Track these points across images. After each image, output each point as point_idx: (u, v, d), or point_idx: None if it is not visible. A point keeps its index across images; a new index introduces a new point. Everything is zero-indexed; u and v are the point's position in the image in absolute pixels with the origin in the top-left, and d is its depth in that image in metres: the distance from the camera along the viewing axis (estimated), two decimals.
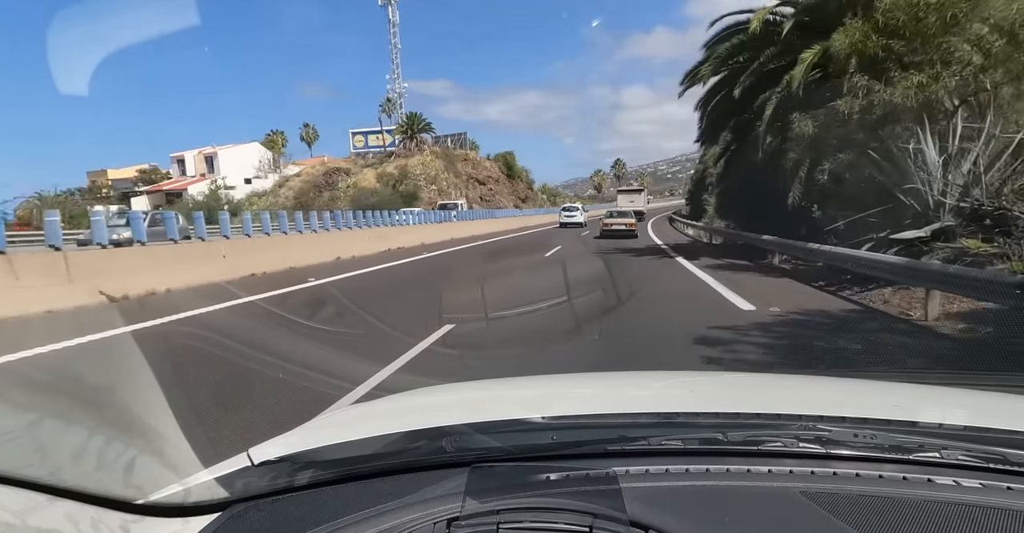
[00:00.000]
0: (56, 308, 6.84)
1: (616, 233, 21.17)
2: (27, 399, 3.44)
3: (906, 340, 5.03)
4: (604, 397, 1.34)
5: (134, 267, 8.61)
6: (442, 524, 0.70)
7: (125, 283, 7.94)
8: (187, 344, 5.04)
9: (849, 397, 1.30)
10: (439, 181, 43.78)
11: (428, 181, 43.33)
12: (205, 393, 3.67)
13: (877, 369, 3.99)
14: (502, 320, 5.86)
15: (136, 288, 8.07)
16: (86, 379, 4.16)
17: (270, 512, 0.81)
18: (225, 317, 6.75)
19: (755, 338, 4.93)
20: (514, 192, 53.88)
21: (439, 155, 46.54)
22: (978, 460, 0.81)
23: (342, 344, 5.02)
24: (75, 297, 7.16)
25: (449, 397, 1.42)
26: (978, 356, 4.57)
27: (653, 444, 0.88)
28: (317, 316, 6.60)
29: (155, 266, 8.97)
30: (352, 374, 3.86)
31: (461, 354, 4.80)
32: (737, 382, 1.53)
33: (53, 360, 4.65)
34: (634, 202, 43.07)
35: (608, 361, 4.29)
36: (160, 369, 3.69)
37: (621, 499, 0.71)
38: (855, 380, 1.70)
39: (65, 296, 7.08)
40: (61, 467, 0.90)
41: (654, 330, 5.47)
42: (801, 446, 0.85)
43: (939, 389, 1.42)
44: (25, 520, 0.72)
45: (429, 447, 0.91)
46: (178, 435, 1.86)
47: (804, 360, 4.26)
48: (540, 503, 0.72)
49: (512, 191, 53.41)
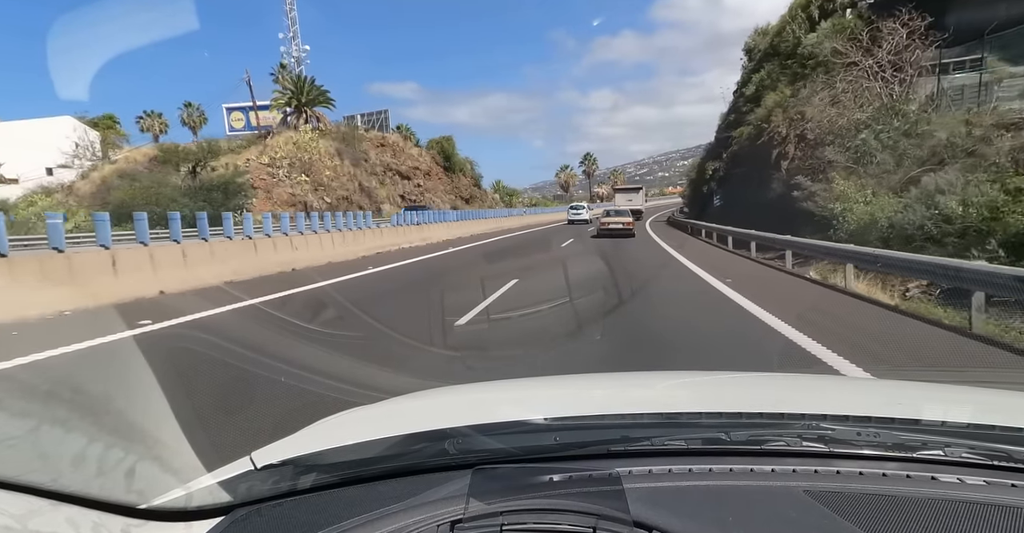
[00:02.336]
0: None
1: (613, 232, 21.39)
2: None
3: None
4: (606, 398, 1.33)
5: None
6: (446, 526, 0.70)
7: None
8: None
9: (852, 396, 1.30)
10: (319, 170, 30.43)
11: (300, 169, 30.03)
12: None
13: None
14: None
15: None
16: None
17: (273, 516, 0.81)
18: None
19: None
20: (454, 189, 42.62)
21: (332, 135, 33.82)
22: (982, 458, 0.81)
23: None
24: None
25: (451, 399, 1.42)
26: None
27: (656, 444, 0.88)
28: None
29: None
30: None
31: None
32: (739, 382, 1.53)
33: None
34: (632, 201, 42.37)
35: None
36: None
37: (624, 500, 0.71)
38: (857, 379, 1.69)
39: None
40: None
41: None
42: (804, 445, 0.85)
43: (942, 386, 1.42)
44: (26, 524, 0.71)
45: (432, 449, 0.91)
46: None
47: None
48: (544, 504, 0.72)
49: (451, 188, 42.44)
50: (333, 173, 31.46)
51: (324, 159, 31.50)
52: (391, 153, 38.21)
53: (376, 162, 36.08)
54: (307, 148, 31.17)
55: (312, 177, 30.07)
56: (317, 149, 31.59)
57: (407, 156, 39.13)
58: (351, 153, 33.59)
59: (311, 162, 30.78)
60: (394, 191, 36.29)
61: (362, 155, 34.48)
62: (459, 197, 42.57)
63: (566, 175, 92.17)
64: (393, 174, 37.26)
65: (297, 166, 29.99)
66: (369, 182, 33.77)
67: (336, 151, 32.58)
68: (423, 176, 39.25)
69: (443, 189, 41.23)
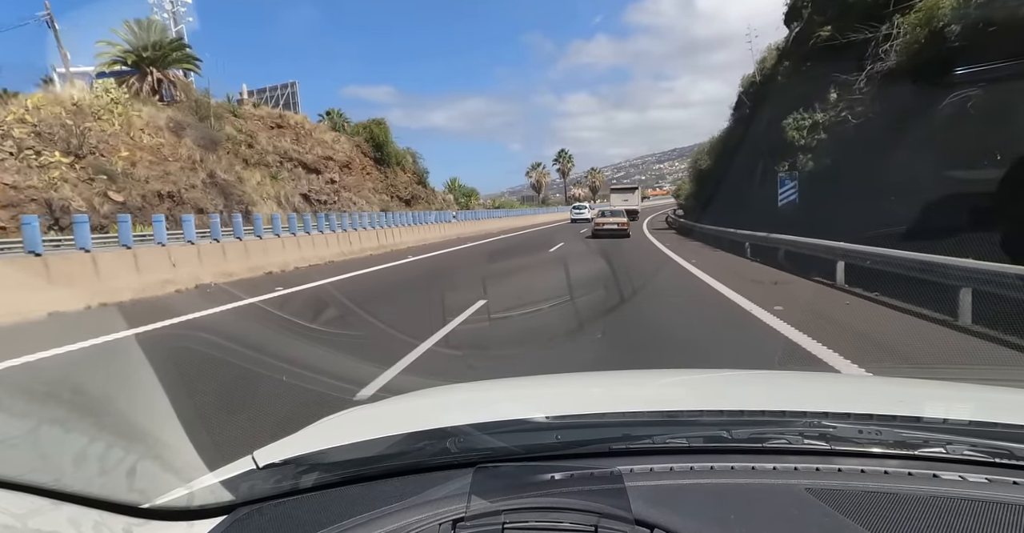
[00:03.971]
0: None
1: (608, 232, 21.52)
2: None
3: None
4: (608, 396, 1.33)
5: None
6: (447, 525, 0.70)
7: None
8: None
9: (853, 393, 1.30)
10: (111, 150, 18.09)
11: (62, 143, 16.69)
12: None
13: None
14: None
15: None
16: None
17: (275, 515, 0.81)
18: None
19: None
20: (388, 187, 33.05)
21: (186, 108, 23.04)
22: (984, 455, 0.81)
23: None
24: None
25: (452, 398, 1.42)
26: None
27: (657, 442, 0.88)
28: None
29: None
30: None
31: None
32: (741, 380, 1.53)
33: None
34: (628, 200, 41.61)
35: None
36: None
37: (626, 498, 0.71)
38: (859, 376, 1.70)
39: None
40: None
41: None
42: (806, 443, 0.85)
43: (943, 384, 1.42)
44: (26, 523, 0.72)
45: (433, 448, 0.91)
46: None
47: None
48: (545, 503, 0.72)
49: (384, 186, 32.86)
50: (153, 156, 19.17)
51: (142, 134, 19.60)
52: (293, 138, 27.89)
53: (267, 148, 25.84)
54: (104, 114, 18.65)
55: (92, 160, 17.26)
56: (125, 118, 19.17)
57: (316, 143, 29.09)
58: (200, 131, 22.23)
59: (108, 135, 18.19)
60: (292, 188, 25.81)
61: (219, 135, 23.57)
62: (395, 197, 33.24)
63: (538, 174, 79.52)
64: (294, 165, 26.94)
65: (58, 138, 16.62)
66: (231, 173, 22.74)
67: (171, 126, 20.99)
68: (340, 169, 29.70)
69: (371, 187, 31.65)
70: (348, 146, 31.49)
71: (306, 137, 29.02)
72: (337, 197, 28.12)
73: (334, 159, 29.74)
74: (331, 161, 29.45)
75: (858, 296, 7.44)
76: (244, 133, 25.41)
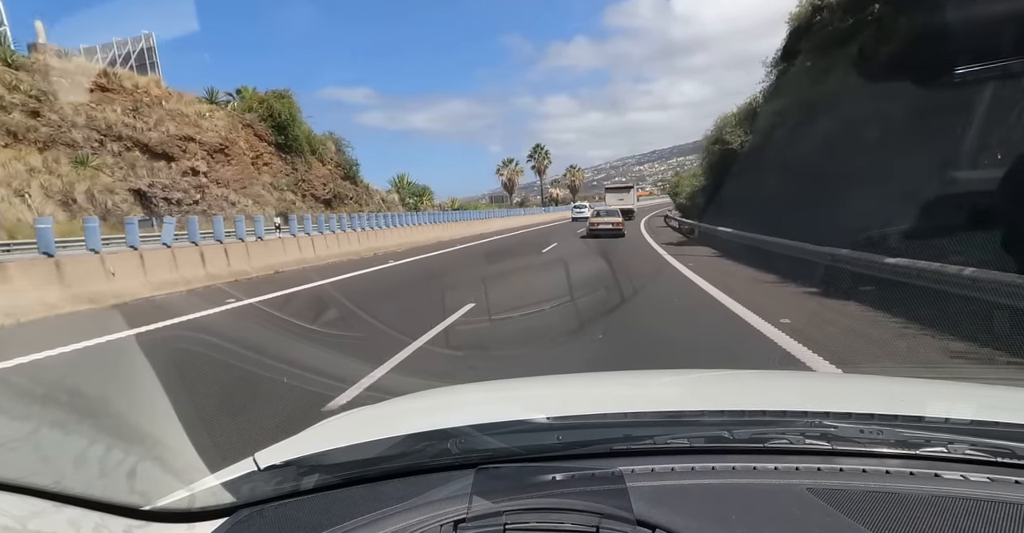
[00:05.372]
0: None
1: (603, 232, 21.44)
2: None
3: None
4: (609, 396, 1.33)
5: None
6: (449, 526, 0.70)
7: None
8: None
9: (854, 393, 1.30)
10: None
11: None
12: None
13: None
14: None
15: None
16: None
17: (276, 517, 0.81)
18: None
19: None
20: (298, 183, 25.13)
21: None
22: (985, 454, 0.81)
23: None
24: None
25: (453, 399, 1.42)
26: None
27: (659, 443, 0.88)
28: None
29: None
30: None
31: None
32: (741, 380, 1.53)
33: None
34: (623, 200, 40.73)
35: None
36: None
37: (627, 498, 0.71)
38: (859, 376, 1.70)
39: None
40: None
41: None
42: (807, 443, 0.85)
43: (944, 383, 1.42)
44: (27, 525, 0.71)
45: (434, 449, 0.91)
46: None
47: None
48: (546, 504, 0.72)
49: (292, 180, 25.07)
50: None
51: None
52: (128, 108, 19.67)
53: (73, 119, 17.77)
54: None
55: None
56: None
57: (169, 116, 20.70)
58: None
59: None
60: (119, 179, 17.84)
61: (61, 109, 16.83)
62: (308, 195, 25.28)
63: (510, 172, 68.14)
64: (128, 146, 18.93)
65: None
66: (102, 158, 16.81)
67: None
68: (211, 155, 21.40)
69: (269, 182, 23.46)
70: (226, 124, 22.63)
71: (149, 107, 20.43)
72: (202, 195, 20.04)
73: (200, 140, 21.18)
74: (192, 143, 20.86)
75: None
76: (25, 93, 17.39)
